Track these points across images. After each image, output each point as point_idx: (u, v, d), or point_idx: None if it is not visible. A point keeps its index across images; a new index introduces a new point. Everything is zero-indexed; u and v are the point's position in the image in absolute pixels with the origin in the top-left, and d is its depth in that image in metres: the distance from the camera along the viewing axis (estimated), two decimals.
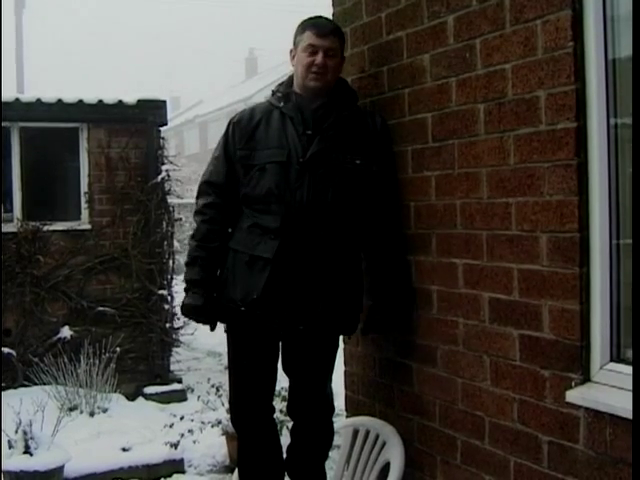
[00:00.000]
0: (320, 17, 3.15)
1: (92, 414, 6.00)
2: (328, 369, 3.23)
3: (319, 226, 2.99)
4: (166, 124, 7.79)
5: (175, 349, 7.88)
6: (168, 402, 7.06)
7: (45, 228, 7.19)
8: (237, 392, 3.24)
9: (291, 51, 3.14)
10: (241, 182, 3.09)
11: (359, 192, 3.05)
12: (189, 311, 3.19)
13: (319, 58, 3.02)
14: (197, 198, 3.23)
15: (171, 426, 5.52)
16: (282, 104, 3.07)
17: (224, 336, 3.29)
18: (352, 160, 3.02)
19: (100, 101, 7.38)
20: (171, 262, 7.78)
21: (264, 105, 3.16)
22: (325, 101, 3.04)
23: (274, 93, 3.16)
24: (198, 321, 3.27)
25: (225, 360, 9.43)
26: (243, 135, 3.10)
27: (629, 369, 2.22)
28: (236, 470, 3.42)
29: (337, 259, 3.05)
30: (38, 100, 7.19)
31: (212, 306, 3.15)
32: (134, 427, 5.76)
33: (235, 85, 41.22)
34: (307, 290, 3.00)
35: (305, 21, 3.13)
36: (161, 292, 7.52)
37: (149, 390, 7.31)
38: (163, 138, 7.81)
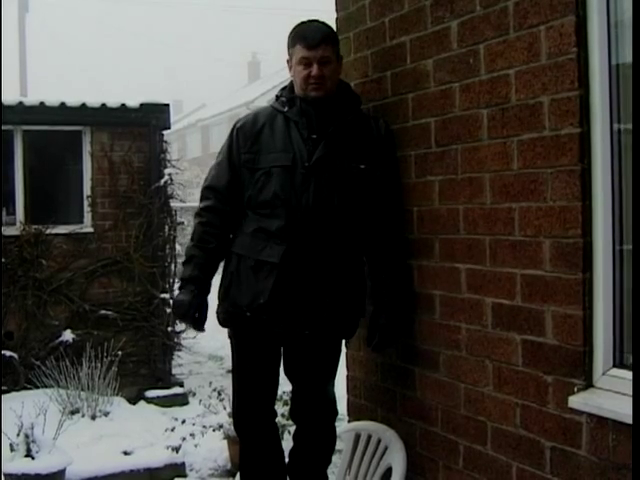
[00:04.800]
0: (308, 24, 3.10)
1: (94, 417, 6.00)
2: (331, 373, 3.23)
3: (324, 230, 3.00)
4: (169, 128, 7.79)
5: (177, 353, 7.87)
6: (170, 406, 7.05)
7: (48, 231, 7.19)
8: (240, 396, 3.24)
9: (288, 61, 3.14)
10: (246, 186, 3.10)
11: (363, 197, 3.06)
12: (178, 306, 3.17)
13: (314, 70, 3.01)
14: (199, 202, 3.25)
15: (173, 430, 5.51)
16: (286, 109, 3.07)
17: (226, 340, 3.29)
18: (357, 165, 3.03)
19: (103, 105, 7.38)
20: (173, 266, 7.78)
21: (268, 110, 3.17)
22: (329, 105, 3.05)
23: (278, 98, 3.16)
24: (184, 320, 3.25)
25: (227, 364, 9.41)
26: (247, 139, 3.10)
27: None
28: (238, 474, 3.42)
29: (342, 263, 3.06)
30: (41, 103, 7.19)
31: (201, 305, 3.15)
32: (136, 431, 5.75)
33: (237, 89, 41.27)
34: (313, 295, 3.01)
35: (294, 32, 3.09)
36: (163, 296, 7.52)
37: (150, 394, 7.30)
38: (166, 142, 7.82)
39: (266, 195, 3.03)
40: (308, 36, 3.02)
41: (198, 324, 3.22)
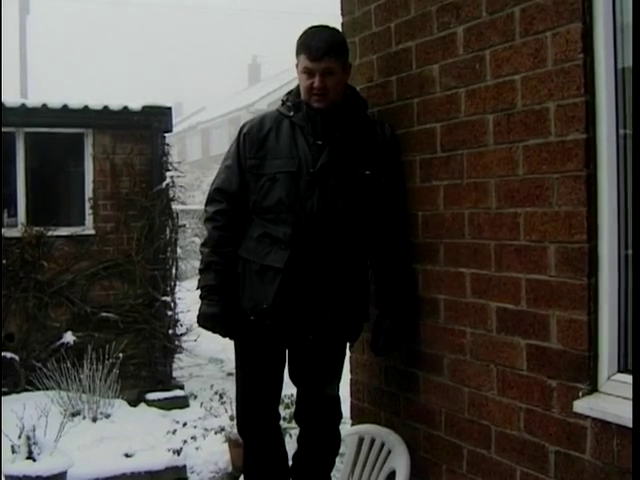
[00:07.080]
0: (314, 32, 3.04)
1: (95, 420, 6.01)
2: (336, 376, 3.23)
3: (329, 236, 3.00)
4: (171, 131, 7.82)
5: (178, 355, 7.88)
6: (170, 408, 7.06)
7: (49, 233, 7.21)
8: (244, 399, 3.24)
9: (297, 66, 3.10)
10: (251, 191, 3.10)
11: (368, 202, 3.05)
12: (206, 320, 3.10)
13: (317, 81, 2.98)
14: (207, 205, 3.21)
15: (174, 432, 5.53)
16: (292, 114, 3.07)
17: (227, 343, 3.28)
18: (362, 171, 3.03)
19: (105, 107, 7.41)
20: (174, 268, 7.80)
21: (274, 114, 3.16)
22: (335, 111, 3.04)
23: (284, 102, 3.15)
24: (215, 331, 3.15)
25: (227, 367, 9.39)
26: (253, 144, 3.09)
27: None
28: (241, 477, 3.42)
29: (346, 268, 3.06)
30: (44, 105, 7.21)
31: (230, 314, 3.09)
32: (137, 433, 5.76)
33: (238, 92, 41.26)
34: (317, 300, 3.01)
35: (301, 39, 3.04)
36: (164, 298, 7.54)
37: (151, 396, 7.31)
38: (168, 144, 7.84)
39: (270, 201, 3.03)
40: (312, 47, 2.98)
41: (230, 333, 3.18)
